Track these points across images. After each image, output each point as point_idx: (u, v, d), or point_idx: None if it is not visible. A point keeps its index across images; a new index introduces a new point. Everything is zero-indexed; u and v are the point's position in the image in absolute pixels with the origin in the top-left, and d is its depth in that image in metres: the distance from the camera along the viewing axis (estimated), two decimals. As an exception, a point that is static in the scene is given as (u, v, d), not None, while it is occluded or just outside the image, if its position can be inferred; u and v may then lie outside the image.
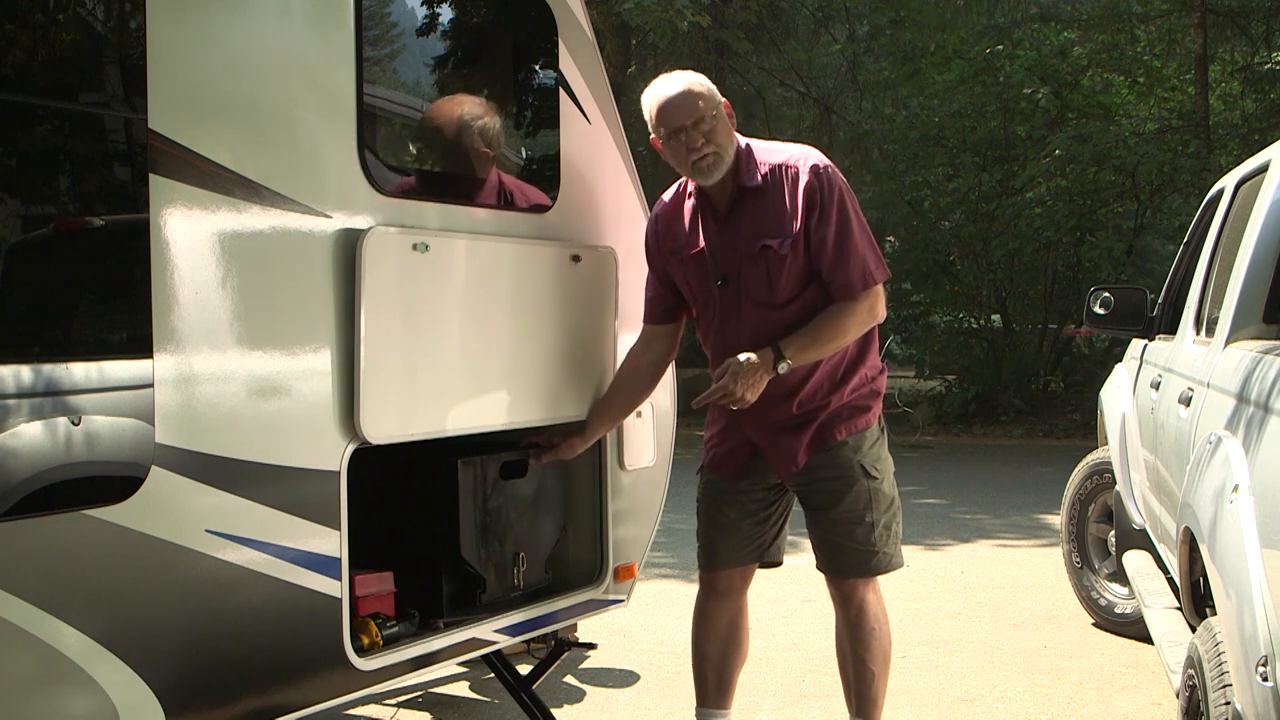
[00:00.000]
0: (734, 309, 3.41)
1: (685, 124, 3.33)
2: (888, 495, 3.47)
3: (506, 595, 3.59)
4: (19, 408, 2.40)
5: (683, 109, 3.34)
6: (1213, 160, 13.34)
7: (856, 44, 17.18)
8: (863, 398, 3.47)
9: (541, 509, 3.74)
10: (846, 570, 3.47)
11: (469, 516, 3.46)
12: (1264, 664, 2.33)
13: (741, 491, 3.54)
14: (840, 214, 3.34)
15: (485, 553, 3.53)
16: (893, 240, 17.52)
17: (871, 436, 3.47)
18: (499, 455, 3.57)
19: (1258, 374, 2.87)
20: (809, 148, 3.49)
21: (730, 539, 3.56)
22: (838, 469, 3.41)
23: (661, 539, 3.93)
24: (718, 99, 3.40)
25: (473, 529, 3.48)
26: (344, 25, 3.00)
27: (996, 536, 8.05)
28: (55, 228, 2.61)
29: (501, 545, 3.58)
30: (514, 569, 3.61)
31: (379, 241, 3.00)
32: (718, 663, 3.62)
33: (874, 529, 3.43)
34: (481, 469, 3.51)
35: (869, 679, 3.50)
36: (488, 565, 3.53)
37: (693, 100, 3.34)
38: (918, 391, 17.32)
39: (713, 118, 3.34)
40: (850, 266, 3.34)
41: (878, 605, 3.52)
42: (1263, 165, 3.74)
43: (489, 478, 3.54)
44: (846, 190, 3.40)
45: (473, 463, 3.47)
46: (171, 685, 2.58)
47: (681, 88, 3.37)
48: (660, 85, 3.41)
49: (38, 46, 2.51)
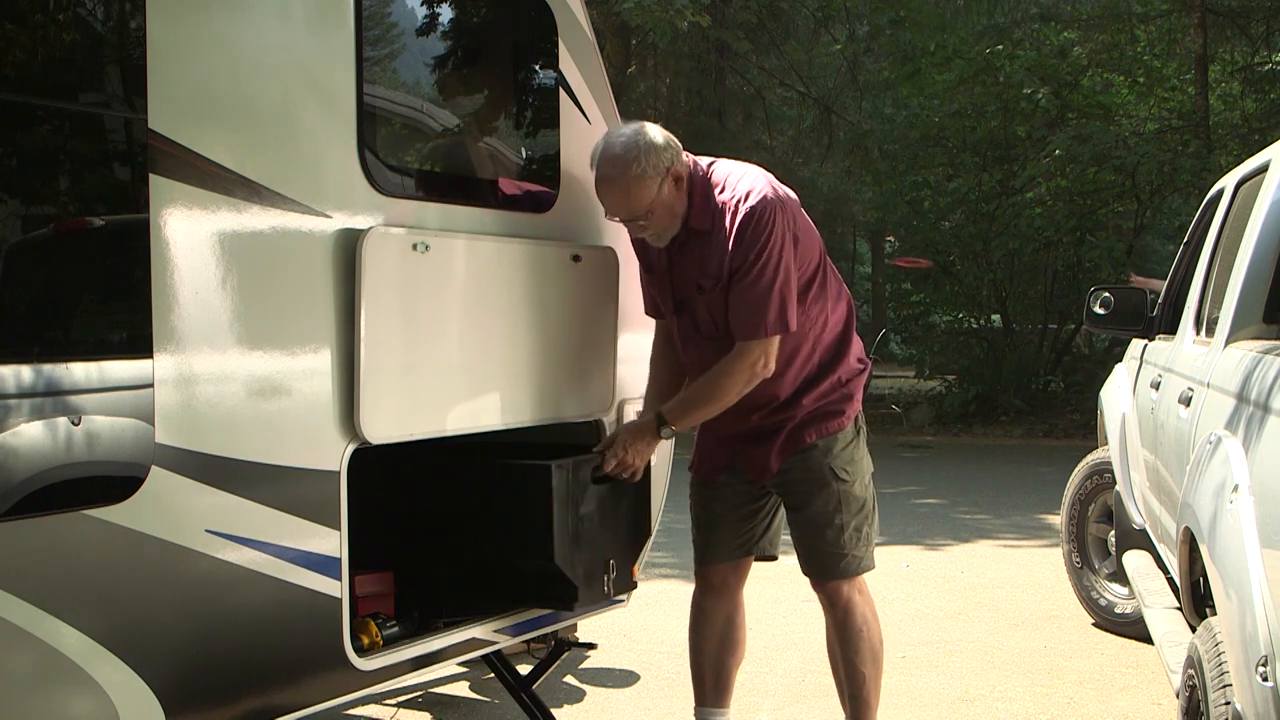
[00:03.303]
0: (691, 335, 3.46)
1: (615, 218, 3.36)
2: (859, 498, 3.47)
3: (597, 604, 3.54)
4: (19, 408, 2.40)
5: (612, 206, 3.33)
6: (1213, 160, 13.34)
7: (856, 44, 17.18)
8: (834, 401, 3.47)
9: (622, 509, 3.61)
10: (816, 571, 3.50)
11: (562, 523, 3.33)
12: (1264, 664, 2.33)
13: (725, 486, 3.57)
14: (755, 256, 3.24)
15: (576, 561, 3.40)
16: (892, 240, 17.53)
17: (844, 439, 3.47)
18: (588, 458, 3.45)
19: (1258, 374, 2.87)
20: (758, 179, 3.33)
21: (718, 534, 3.60)
22: (807, 471, 3.43)
23: (661, 539, 3.93)
24: (651, 181, 3.24)
25: (566, 536, 3.35)
26: (344, 25, 3.00)
27: (996, 536, 8.04)
28: (55, 228, 2.61)
29: (592, 552, 3.46)
30: (605, 576, 3.51)
31: (379, 241, 3.00)
32: (715, 661, 3.63)
33: (844, 531, 3.44)
34: (574, 473, 3.38)
35: (860, 681, 3.52)
36: (578, 573, 3.41)
37: (620, 199, 3.28)
38: (918, 391, 17.33)
39: (646, 211, 3.27)
40: (744, 311, 3.28)
41: (864, 606, 3.52)
42: (1263, 165, 3.74)
43: (581, 481, 3.41)
44: (779, 232, 3.25)
45: (565, 466, 3.35)
46: (171, 685, 2.58)
47: (611, 182, 3.27)
48: (599, 158, 3.30)
49: (38, 46, 2.51)
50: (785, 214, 3.29)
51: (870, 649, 3.51)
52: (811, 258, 3.39)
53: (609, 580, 3.52)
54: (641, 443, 3.42)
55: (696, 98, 17.08)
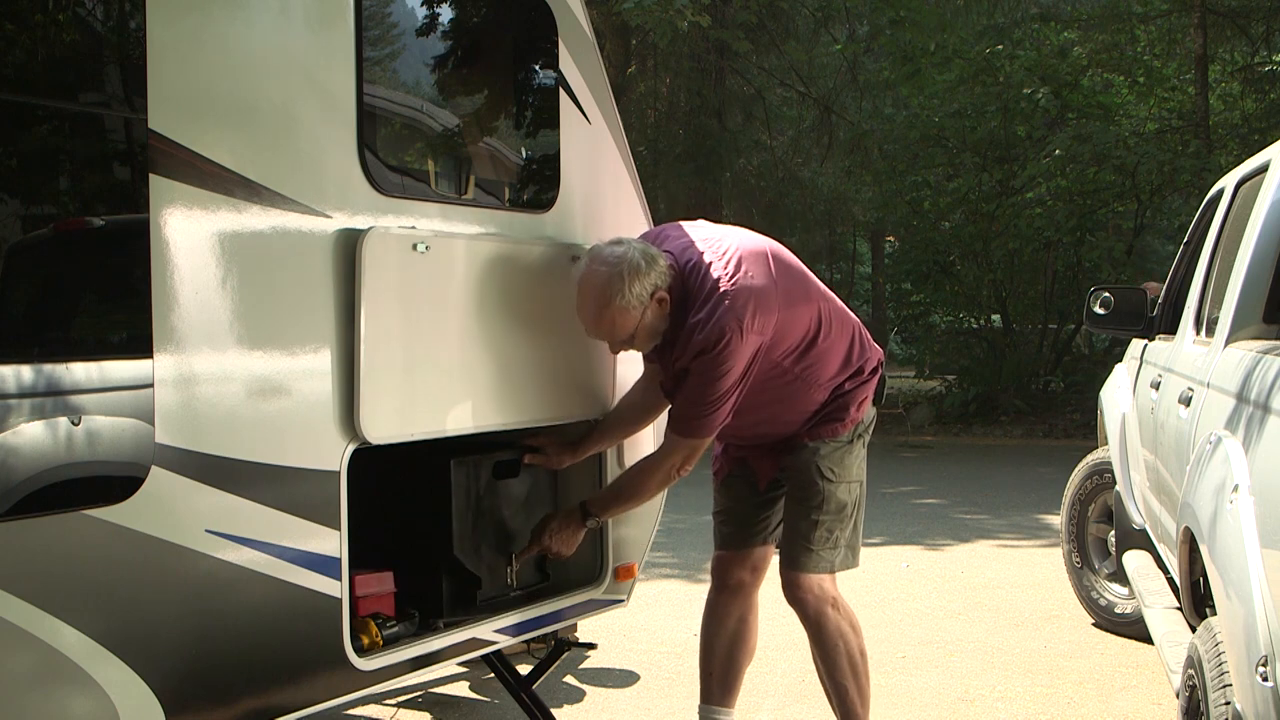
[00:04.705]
0: None
1: (597, 338, 3.46)
2: (840, 500, 3.51)
3: (503, 595, 3.59)
4: (19, 407, 2.40)
5: (593, 332, 3.43)
6: (1213, 160, 13.34)
7: (856, 44, 17.17)
8: (831, 413, 3.53)
9: (536, 509, 3.73)
10: (785, 560, 3.57)
11: (462, 515, 3.46)
12: (1264, 664, 2.33)
13: (738, 478, 3.68)
14: (700, 367, 3.28)
15: (479, 552, 3.52)
16: (893, 240, 17.53)
17: (838, 443, 3.53)
18: (493, 455, 3.57)
19: (1258, 374, 2.87)
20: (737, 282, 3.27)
21: (735, 522, 3.70)
22: (797, 467, 3.54)
23: (661, 539, 3.94)
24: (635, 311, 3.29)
25: (467, 528, 3.48)
26: (344, 25, 3.00)
27: (996, 536, 8.04)
28: (55, 228, 2.61)
29: (495, 545, 3.58)
30: (508, 568, 3.60)
31: (379, 241, 3.00)
32: (724, 659, 3.66)
33: (816, 527, 3.49)
34: (475, 468, 3.51)
35: (844, 693, 3.56)
36: (481, 565, 3.52)
37: (603, 329, 3.37)
38: (918, 391, 17.32)
39: (629, 337, 3.35)
40: (679, 405, 3.40)
41: (839, 620, 3.54)
42: (1263, 165, 3.74)
43: (482, 477, 3.54)
44: (734, 356, 3.24)
45: (466, 462, 3.47)
46: (171, 685, 2.58)
47: (592, 310, 3.34)
48: (581, 279, 3.35)
49: (38, 46, 2.51)
50: (745, 336, 3.25)
51: (850, 662, 3.54)
52: (800, 329, 3.38)
53: (512, 573, 3.60)
54: (567, 532, 3.56)
55: (696, 98, 17.05)
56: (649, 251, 3.32)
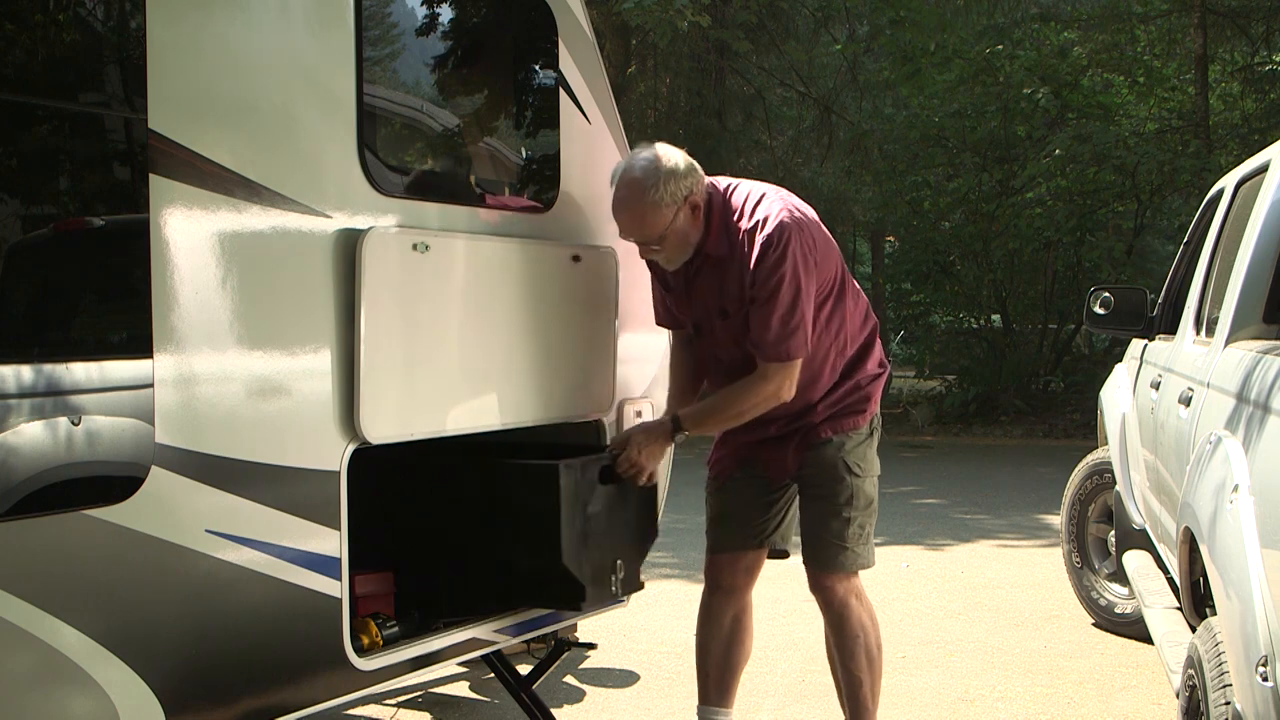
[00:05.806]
0: (710, 353, 3.49)
1: (629, 239, 3.39)
2: (867, 495, 3.51)
3: (605, 604, 3.54)
4: (19, 407, 2.40)
5: (625, 228, 3.36)
6: (1213, 160, 13.33)
7: (856, 44, 17.17)
8: (853, 404, 3.51)
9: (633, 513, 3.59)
10: (816, 561, 3.51)
11: (570, 523, 3.30)
12: (1264, 664, 2.33)
13: (739, 480, 3.60)
14: (776, 280, 3.24)
15: (583, 561, 3.37)
16: (893, 240, 17.52)
17: (859, 436, 3.51)
18: (597, 458, 3.44)
19: (1258, 374, 2.87)
20: (774, 203, 3.33)
21: (730, 525, 3.62)
22: (821, 465, 3.47)
23: (662, 539, 3.93)
24: (667, 209, 3.25)
25: (574, 536, 3.32)
26: (344, 25, 3.00)
27: (996, 536, 8.04)
28: (55, 228, 2.61)
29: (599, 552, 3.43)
30: (612, 576, 3.48)
31: (379, 241, 3.00)
32: (720, 660, 3.65)
33: (849, 525, 3.46)
34: (581, 473, 3.36)
35: (857, 685, 3.54)
36: (585, 573, 3.38)
37: (634, 224, 3.31)
38: (918, 391, 17.32)
39: (659, 237, 3.29)
40: (766, 335, 3.28)
41: (861, 612, 3.53)
42: (1263, 165, 3.74)
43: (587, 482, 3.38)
44: (799, 255, 3.26)
45: (573, 467, 3.33)
46: (171, 685, 2.58)
47: (626, 205, 3.29)
48: (618, 179, 3.31)
49: (38, 46, 2.51)
50: (803, 238, 3.28)
51: (867, 654, 3.52)
52: (830, 273, 3.40)
53: (616, 580, 3.51)
54: (655, 445, 3.44)
55: (696, 98, 17.07)
56: (686, 158, 3.34)
